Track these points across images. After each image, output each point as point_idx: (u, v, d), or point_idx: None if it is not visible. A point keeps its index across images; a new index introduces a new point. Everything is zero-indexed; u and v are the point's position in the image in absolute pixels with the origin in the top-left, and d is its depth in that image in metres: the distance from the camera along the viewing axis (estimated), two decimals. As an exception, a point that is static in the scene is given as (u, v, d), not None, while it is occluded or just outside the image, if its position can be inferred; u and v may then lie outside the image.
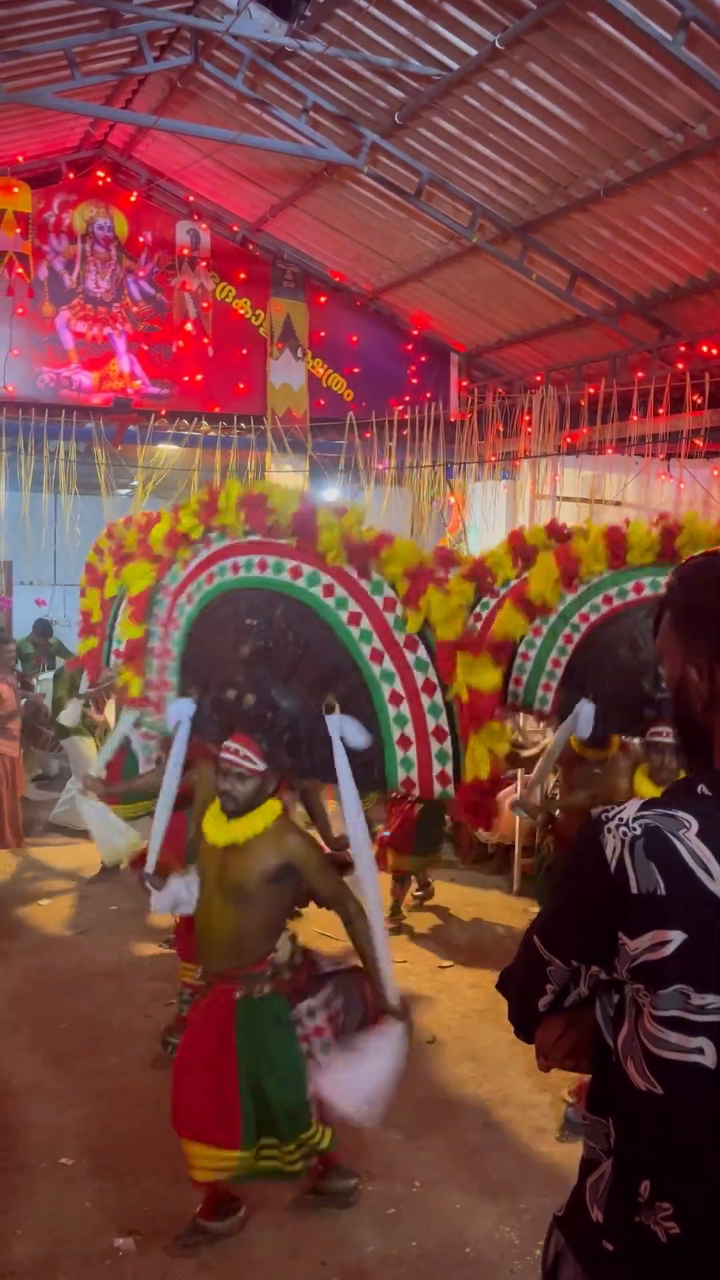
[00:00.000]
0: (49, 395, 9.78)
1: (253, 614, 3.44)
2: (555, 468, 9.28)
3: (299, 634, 3.35)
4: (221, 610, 3.59)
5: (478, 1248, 3.57)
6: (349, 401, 11.02)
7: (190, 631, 3.73)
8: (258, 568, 3.48)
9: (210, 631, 3.64)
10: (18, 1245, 3.48)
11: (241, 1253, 3.49)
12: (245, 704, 3.36)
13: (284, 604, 3.38)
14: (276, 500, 3.36)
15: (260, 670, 3.39)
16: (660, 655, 1.60)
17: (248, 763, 3.29)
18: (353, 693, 3.28)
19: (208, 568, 3.63)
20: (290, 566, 3.38)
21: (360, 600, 3.27)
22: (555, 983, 1.54)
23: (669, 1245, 1.41)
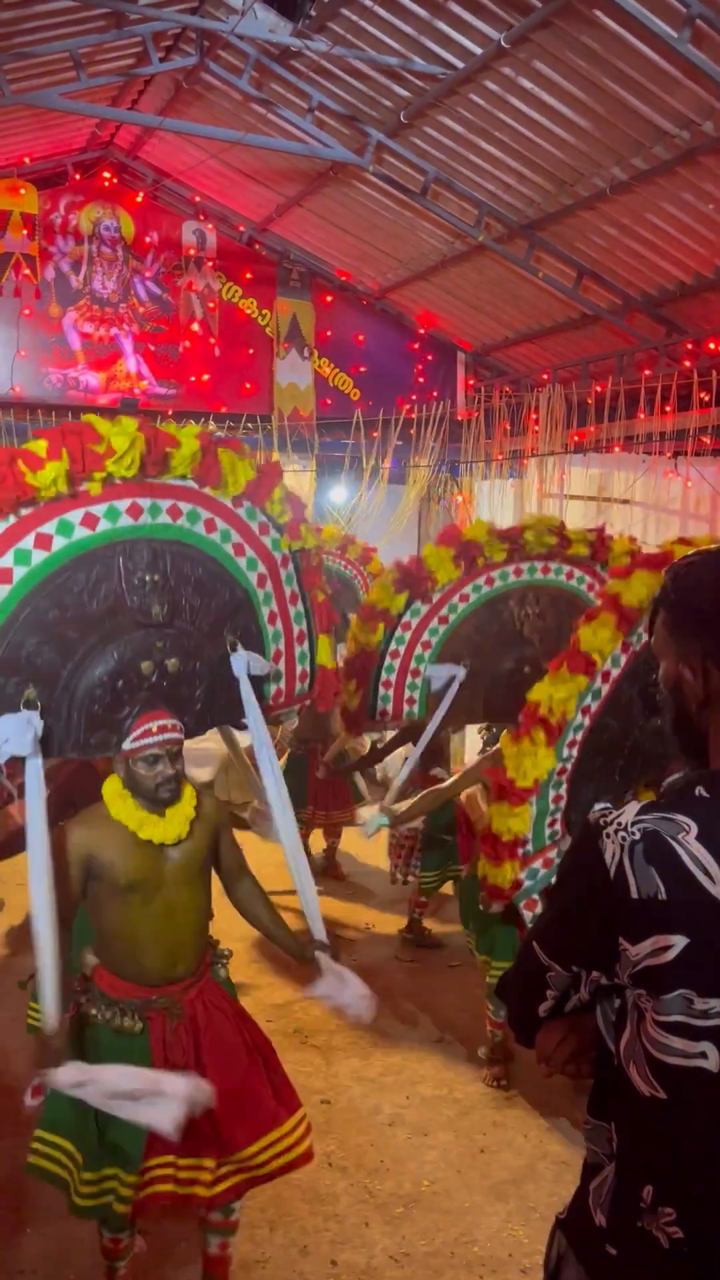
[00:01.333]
0: (56, 396, 9.80)
1: (151, 569, 3.00)
2: (562, 466, 9.28)
3: (189, 578, 3.12)
4: (75, 579, 2.92)
5: (486, 1246, 3.58)
6: (356, 401, 11.02)
7: (9, 623, 2.84)
8: (128, 514, 2.96)
9: (66, 605, 2.91)
10: (28, 1244, 3.50)
11: (250, 1250, 3.50)
12: (170, 671, 3.04)
13: (170, 550, 3.07)
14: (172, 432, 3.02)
15: (175, 628, 3.08)
16: (655, 655, 1.60)
17: (177, 734, 2.97)
18: (245, 622, 3.28)
19: (24, 535, 2.83)
20: (168, 506, 3.04)
21: (241, 530, 3.22)
22: (555, 988, 1.53)
23: (671, 1250, 1.41)
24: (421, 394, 11.04)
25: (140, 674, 2.99)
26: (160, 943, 2.97)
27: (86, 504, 2.90)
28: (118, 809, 2.94)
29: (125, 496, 2.95)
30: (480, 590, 4.79)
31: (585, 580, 4.90)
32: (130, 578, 3.00)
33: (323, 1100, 4.47)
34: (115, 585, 2.98)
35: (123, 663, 2.97)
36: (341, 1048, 4.94)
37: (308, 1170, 3.92)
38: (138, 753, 2.92)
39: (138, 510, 2.99)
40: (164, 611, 3.04)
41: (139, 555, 3.01)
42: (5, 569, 2.81)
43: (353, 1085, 4.60)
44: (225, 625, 3.23)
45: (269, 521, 3.29)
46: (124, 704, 2.97)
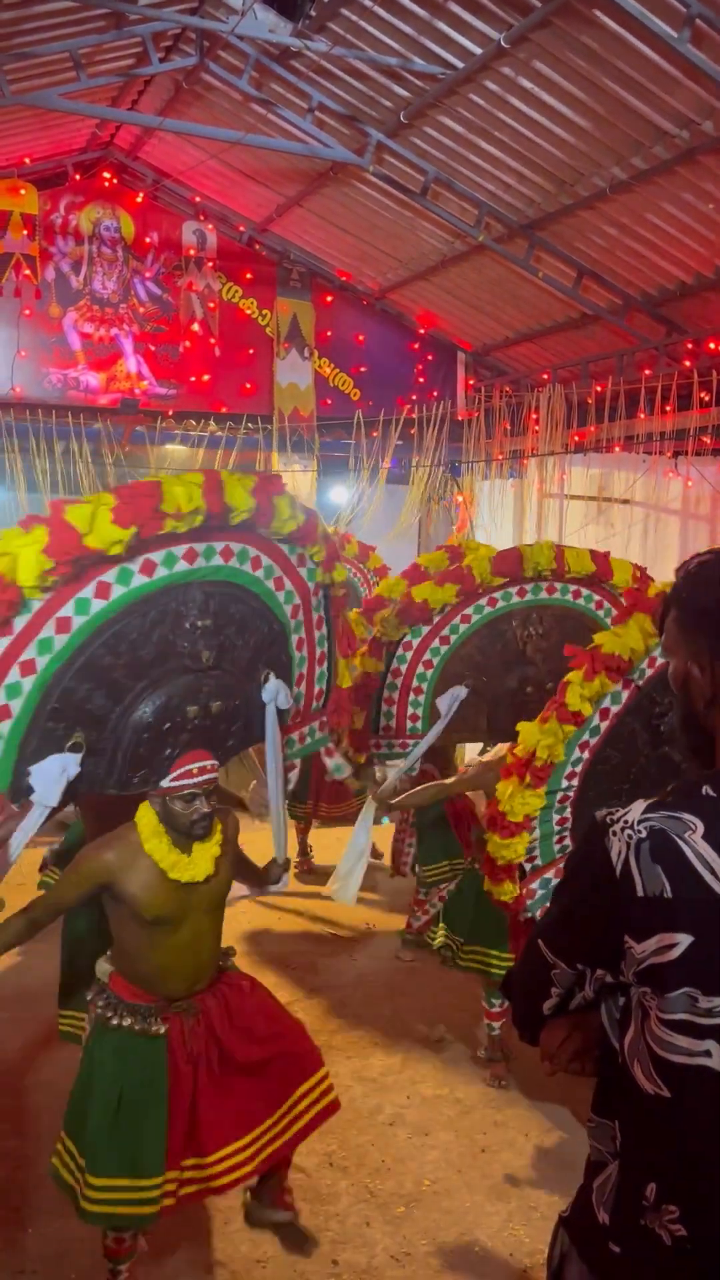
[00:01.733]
0: (56, 396, 9.79)
1: (202, 613, 3.07)
2: (562, 466, 9.28)
3: (234, 618, 3.22)
4: (130, 625, 2.95)
5: (487, 1246, 3.58)
6: (356, 401, 11.02)
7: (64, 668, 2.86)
8: (185, 559, 3.00)
9: (120, 652, 2.94)
10: (29, 1243, 3.50)
11: (251, 1251, 3.50)
12: (213, 713, 3.11)
13: (219, 591, 3.15)
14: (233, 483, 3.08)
15: (219, 670, 3.16)
16: (665, 653, 1.61)
17: (214, 774, 3.08)
18: (277, 653, 3.42)
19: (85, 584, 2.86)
20: (221, 549, 3.11)
21: (281, 564, 3.35)
22: (560, 986, 1.54)
23: (674, 1248, 1.41)
24: (422, 394, 11.04)
25: (185, 717, 3.06)
26: (183, 968, 3.11)
27: (147, 552, 2.94)
28: (152, 846, 3.00)
29: (183, 543, 3.00)
30: (482, 611, 4.86)
31: (594, 599, 4.97)
32: (182, 623, 3.05)
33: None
34: (167, 631, 3.02)
35: (170, 707, 3.02)
36: (342, 1047, 4.94)
37: (308, 1170, 3.94)
38: (177, 791, 3.00)
39: (194, 555, 3.04)
40: (212, 656, 3.12)
41: (191, 600, 3.07)
42: (65, 618, 2.83)
43: (353, 1085, 4.60)
44: (261, 659, 3.34)
45: (305, 554, 3.42)
46: (166, 745, 3.03)
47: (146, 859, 2.99)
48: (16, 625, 2.76)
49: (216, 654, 3.13)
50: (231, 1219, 3.66)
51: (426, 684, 4.91)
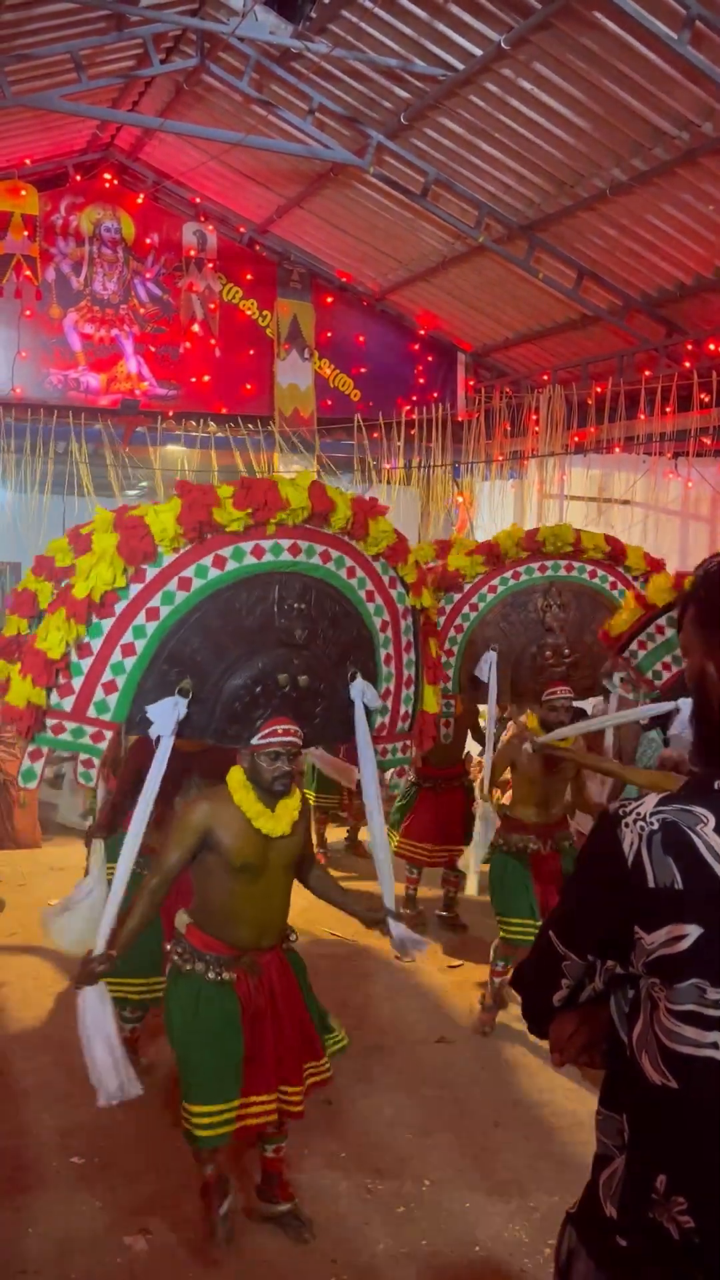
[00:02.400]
0: (57, 397, 9.80)
1: (300, 598, 3.52)
2: (563, 467, 9.29)
3: (327, 612, 3.63)
4: (238, 596, 3.45)
5: (488, 1246, 3.58)
6: (356, 402, 11.03)
7: (182, 622, 3.40)
8: (289, 551, 3.50)
9: (227, 617, 3.44)
10: (30, 1243, 3.50)
11: (252, 1251, 3.51)
12: (300, 685, 3.52)
13: (317, 586, 3.59)
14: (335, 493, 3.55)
15: (311, 651, 3.57)
16: (683, 652, 1.62)
17: (299, 740, 3.43)
18: (364, 660, 3.77)
19: (206, 554, 3.39)
20: (321, 551, 3.57)
21: (374, 580, 3.75)
22: (570, 977, 1.55)
23: (682, 1241, 1.42)
24: (422, 395, 11.05)
25: (277, 684, 3.49)
26: (255, 917, 3.45)
27: (259, 538, 3.44)
28: (240, 797, 3.39)
29: (290, 537, 3.48)
30: (507, 583, 5.43)
31: (608, 579, 5.50)
32: (282, 603, 3.51)
33: (324, 1100, 4.47)
34: (269, 607, 3.50)
35: (264, 672, 3.47)
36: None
37: (309, 1170, 3.94)
38: (264, 748, 3.38)
39: (297, 550, 3.52)
40: (304, 635, 3.54)
41: (292, 586, 3.53)
42: (186, 578, 3.37)
43: (354, 1085, 4.61)
44: (349, 658, 3.73)
45: (397, 578, 3.82)
46: (259, 706, 3.46)
47: (235, 810, 3.36)
48: (149, 574, 3.32)
49: (308, 635, 3.55)
50: (232, 1217, 3.67)
51: (457, 647, 5.48)
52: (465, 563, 5.36)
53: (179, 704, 3.34)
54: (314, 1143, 4.16)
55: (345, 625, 3.69)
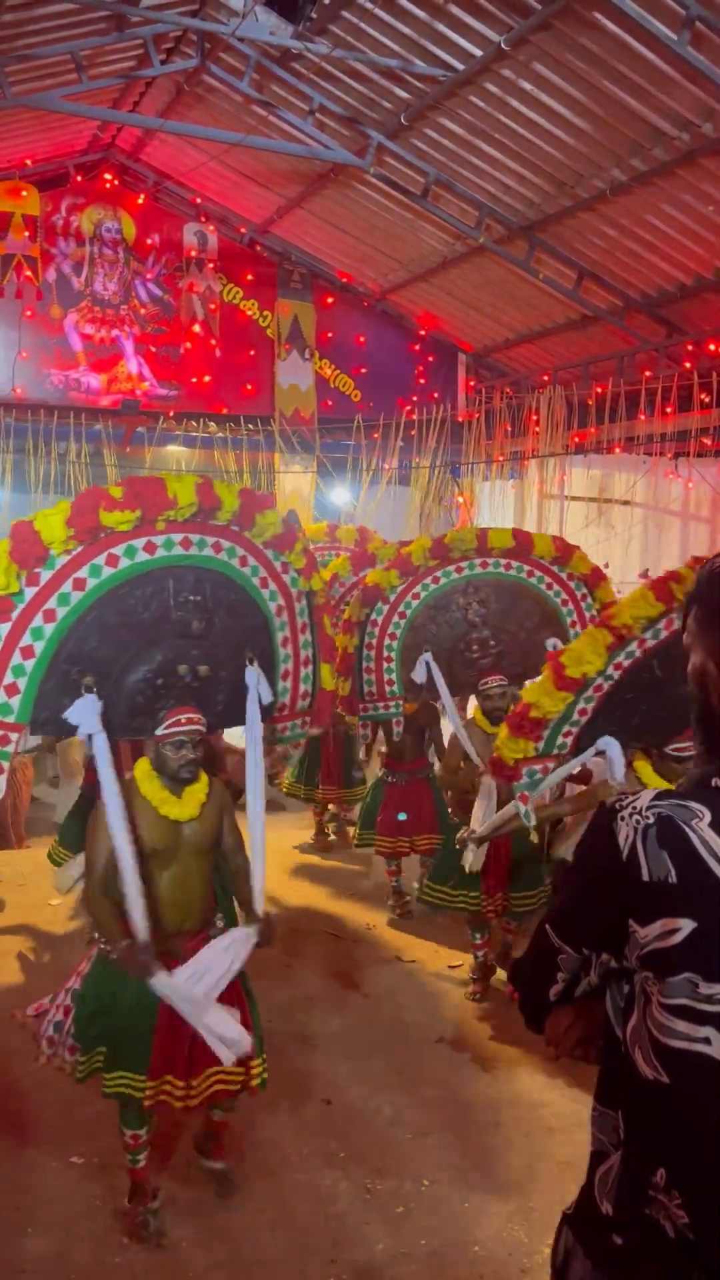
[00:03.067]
0: (57, 397, 9.81)
1: (195, 590, 3.62)
2: (563, 467, 9.30)
3: (223, 601, 3.75)
4: (133, 593, 3.53)
5: (487, 1246, 3.58)
6: (357, 402, 11.04)
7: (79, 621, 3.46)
8: (181, 545, 3.60)
9: (124, 613, 3.53)
10: (30, 1242, 3.50)
11: (251, 1251, 3.51)
12: (200, 675, 3.64)
13: (211, 578, 3.70)
14: (222, 488, 3.65)
15: (209, 641, 3.68)
16: (685, 649, 1.63)
17: (201, 727, 3.56)
18: (263, 644, 3.90)
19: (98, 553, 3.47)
20: (213, 543, 3.68)
21: (266, 568, 3.86)
22: (566, 971, 1.56)
23: (677, 1237, 1.42)
24: (422, 395, 11.06)
25: (176, 675, 3.60)
26: (173, 902, 3.57)
27: (150, 534, 3.54)
28: (146, 787, 3.54)
29: (180, 531, 3.59)
30: (428, 588, 5.81)
31: (524, 569, 5.84)
32: (177, 596, 3.61)
33: (324, 1100, 4.48)
34: (164, 601, 3.60)
35: (164, 664, 3.59)
36: (343, 1048, 4.95)
37: (308, 1169, 3.95)
38: (168, 738, 3.53)
39: (189, 543, 3.63)
40: (201, 626, 3.65)
41: (186, 579, 3.64)
42: (81, 579, 3.45)
43: (354, 1085, 4.61)
44: (247, 644, 3.83)
45: (289, 563, 3.93)
46: (160, 698, 3.58)
47: (143, 799, 3.52)
48: (43, 578, 3.39)
49: (205, 626, 3.66)
50: (231, 1218, 3.67)
51: (394, 653, 5.89)
52: (382, 577, 5.78)
53: (93, 701, 3.45)
54: (313, 1142, 4.16)
55: (242, 613, 3.81)
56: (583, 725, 4.36)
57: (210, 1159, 3.83)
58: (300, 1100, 4.47)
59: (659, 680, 4.36)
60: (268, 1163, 4.02)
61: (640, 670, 4.30)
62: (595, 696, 4.34)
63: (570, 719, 4.35)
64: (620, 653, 4.25)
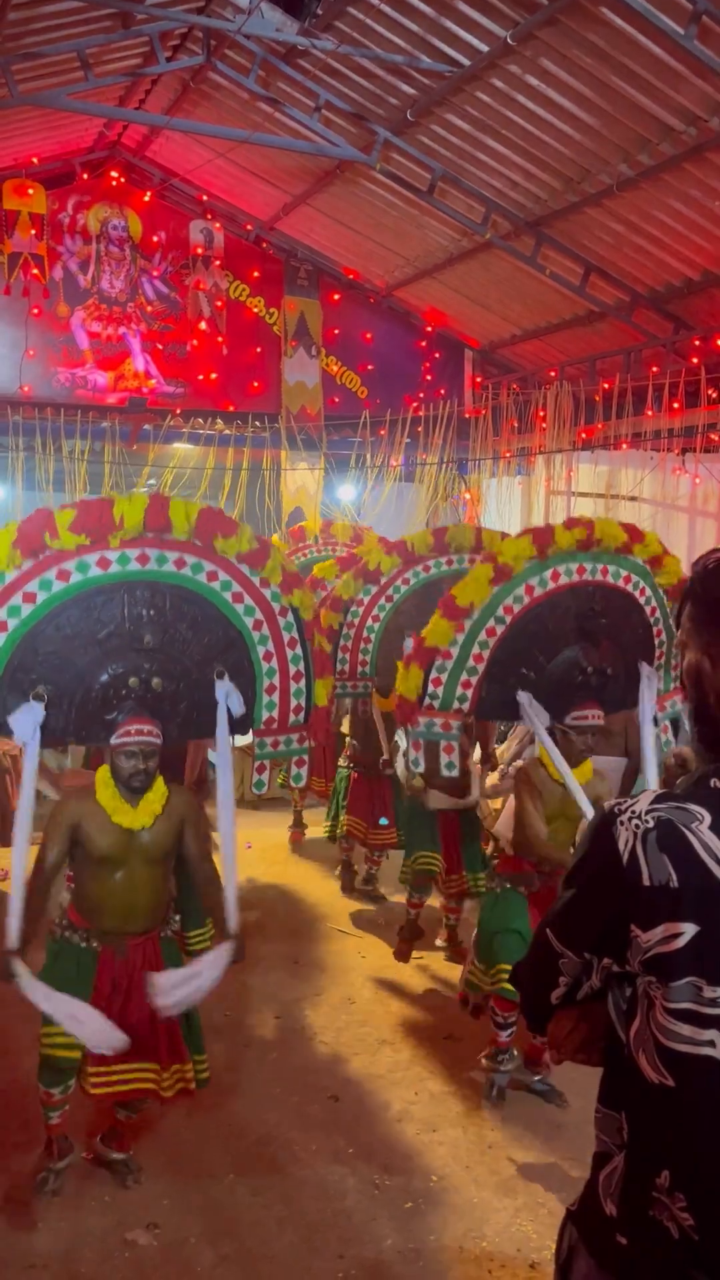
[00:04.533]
0: (64, 395, 9.82)
1: (150, 605, 3.67)
2: (570, 463, 9.27)
3: (185, 616, 3.76)
4: (86, 606, 3.61)
5: (495, 1242, 3.59)
6: (363, 399, 11.02)
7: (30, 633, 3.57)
8: (137, 561, 3.64)
9: (77, 625, 3.61)
10: (38, 1238, 3.52)
11: (259, 1246, 3.52)
12: (153, 687, 3.68)
13: (171, 592, 3.72)
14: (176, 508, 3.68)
15: (165, 654, 3.72)
16: (680, 648, 1.62)
17: (155, 739, 3.61)
18: (237, 658, 3.90)
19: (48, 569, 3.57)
20: (174, 559, 3.71)
21: (242, 583, 3.86)
22: (568, 975, 1.55)
23: (682, 1239, 1.42)
24: (429, 392, 11.04)
25: (128, 686, 3.65)
26: (118, 905, 3.66)
27: (104, 549, 3.59)
28: (102, 794, 3.62)
29: (137, 547, 3.64)
30: (419, 575, 5.95)
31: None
32: (130, 610, 3.66)
33: (331, 1096, 4.49)
34: (117, 614, 3.66)
35: (115, 676, 3.65)
36: (349, 1044, 4.96)
37: (315, 1166, 3.96)
38: (120, 748, 3.59)
39: (145, 559, 3.66)
40: (155, 640, 3.69)
41: (140, 593, 3.68)
42: (31, 593, 3.54)
43: (361, 1081, 4.62)
44: (216, 658, 3.84)
45: (268, 579, 3.92)
46: (113, 708, 3.65)
47: (97, 805, 3.61)
48: None
49: (160, 639, 3.70)
50: (239, 1215, 3.69)
51: (374, 635, 6.02)
52: (382, 559, 5.93)
53: (35, 709, 3.54)
54: (320, 1138, 4.17)
55: (208, 627, 3.81)
56: (481, 676, 4.35)
57: (111, 1150, 3.90)
58: (307, 1097, 4.48)
59: (550, 634, 4.40)
60: (275, 1159, 4.03)
61: (529, 621, 4.35)
62: (489, 642, 4.34)
63: (466, 664, 4.34)
64: (508, 594, 4.30)
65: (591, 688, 4.45)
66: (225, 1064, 4.65)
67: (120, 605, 3.66)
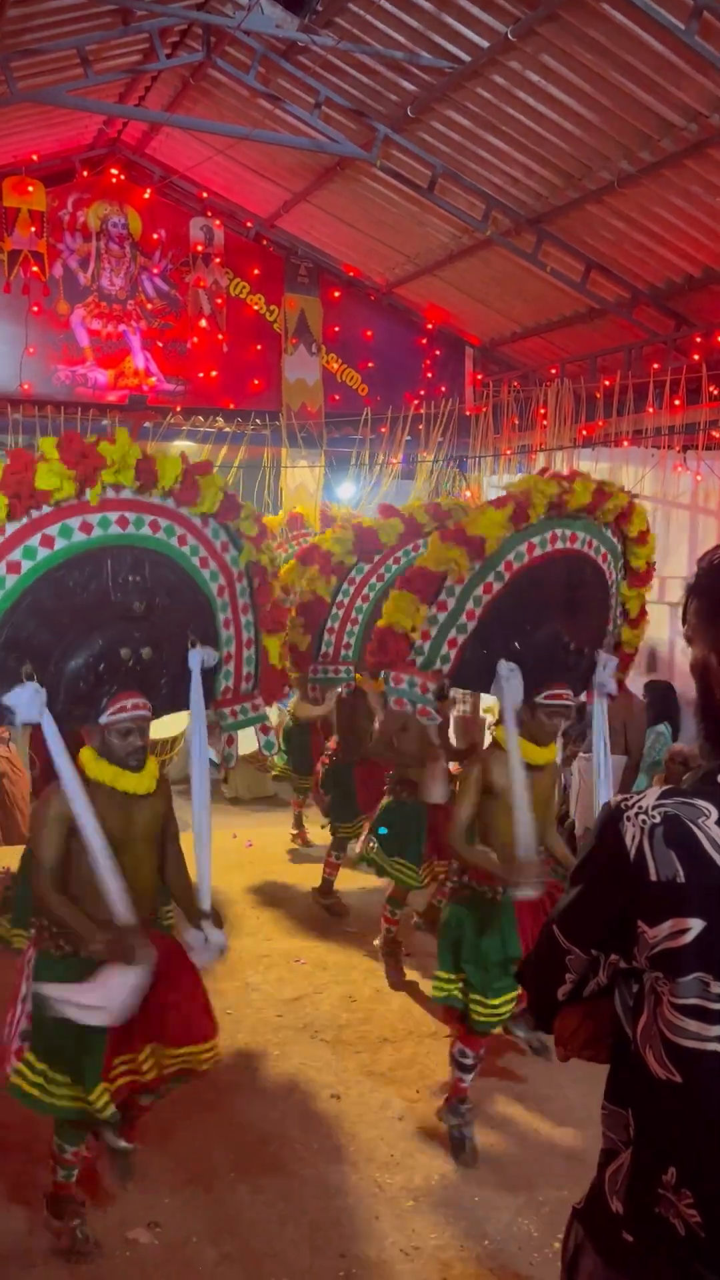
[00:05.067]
0: (64, 393, 9.82)
1: (133, 571, 3.47)
2: (571, 460, 9.25)
3: (163, 582, 3.60)
4: (70, 575, 3.36)
5: (496, 1240, 3.58)
6: (364, 396, 11.01)
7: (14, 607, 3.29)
8: (118, 524, 3.44)
9: (61, 596, 3.35)
10: (41, 1236, 3.51)
11: (262, 1245, 3.52)
12: (143, 658, 3.47)
13: (150, 557, 3.54)
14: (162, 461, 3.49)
15: (150, 622, 3.52)
16: (688, 641, 1.62)
17: (148, 712, 3.42)
18: (205, 625, 3.77)
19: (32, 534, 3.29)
20: (150, 521, 3.53)
21: (207, 546, 3.73)
22: (574, 972, 1.55)
23: (688, 1236, 1.42)
24: (430, 389, 11.03)
25: (119, 659, 3.42)
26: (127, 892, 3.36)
27: (84, 513, 3.37)
28: (95, 770, 3.36)
29: (116, 509, 3.44)
30: (409, 555, 5.61)
31: None
32: (116, 577, 3.45)
33: (332, 1094, 4.49)
34: (103, 582, 3.44)
35: (105, 648, 3.41)
36: (351, 1042, 4.96)
37: (317, 1164, 3.95)
38: (113, 726, 3.36)
39: (125, 521, 3.47)
40: (142, 607, 3.49)
41: (124, 559, 3.47)
42: (15, 562, 3.26)
43: (362, 1079, 4.61)
44: (189, 625, 3.69)
45: (229, 540, 3.79)
46: (104, 683, 3.40)
47: (94, 784, 3.34)
48: None
49: (146, 607, 3.50)
50: (241, 1213, 3.68)
51: (362, 615, 5.70)
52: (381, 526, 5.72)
53: (37, 689, 3.27)
54: (322, 1137, 4.17)
55: (182, 593, 3.66)
56: (467, 638, 3.98)
57: (119, 1138, 3.57)
58: (309, 1095, 4.48)
59: (538, 602, 4.06)
60: (277, 1157, 4.02)
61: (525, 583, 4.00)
62: (484, 599, 3.97)
63: (457, 620, 3.96)
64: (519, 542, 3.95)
65: (568, 667, 4.12)
66: (226, 1062, 4.64)
67: (105, 572, 3.43)
